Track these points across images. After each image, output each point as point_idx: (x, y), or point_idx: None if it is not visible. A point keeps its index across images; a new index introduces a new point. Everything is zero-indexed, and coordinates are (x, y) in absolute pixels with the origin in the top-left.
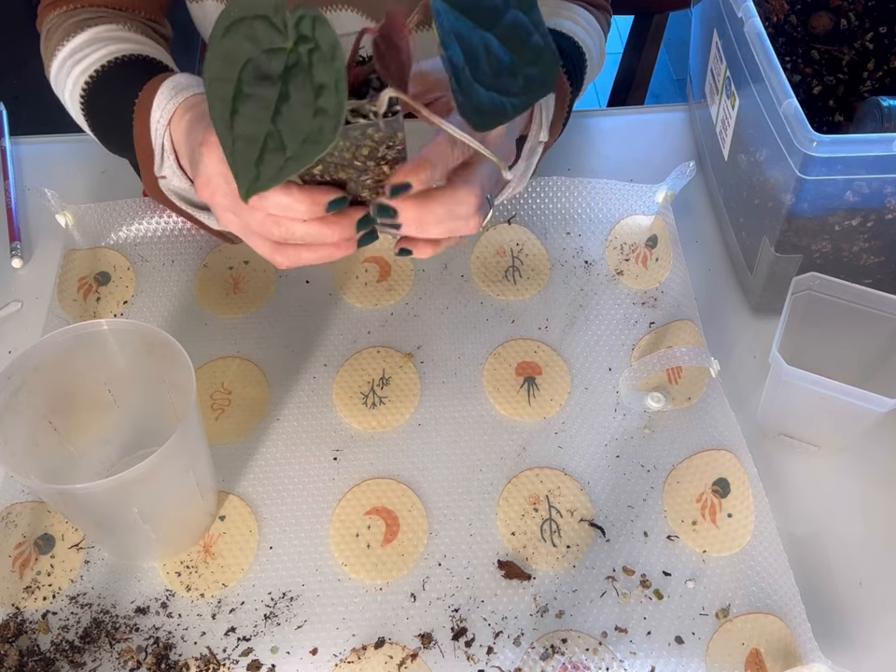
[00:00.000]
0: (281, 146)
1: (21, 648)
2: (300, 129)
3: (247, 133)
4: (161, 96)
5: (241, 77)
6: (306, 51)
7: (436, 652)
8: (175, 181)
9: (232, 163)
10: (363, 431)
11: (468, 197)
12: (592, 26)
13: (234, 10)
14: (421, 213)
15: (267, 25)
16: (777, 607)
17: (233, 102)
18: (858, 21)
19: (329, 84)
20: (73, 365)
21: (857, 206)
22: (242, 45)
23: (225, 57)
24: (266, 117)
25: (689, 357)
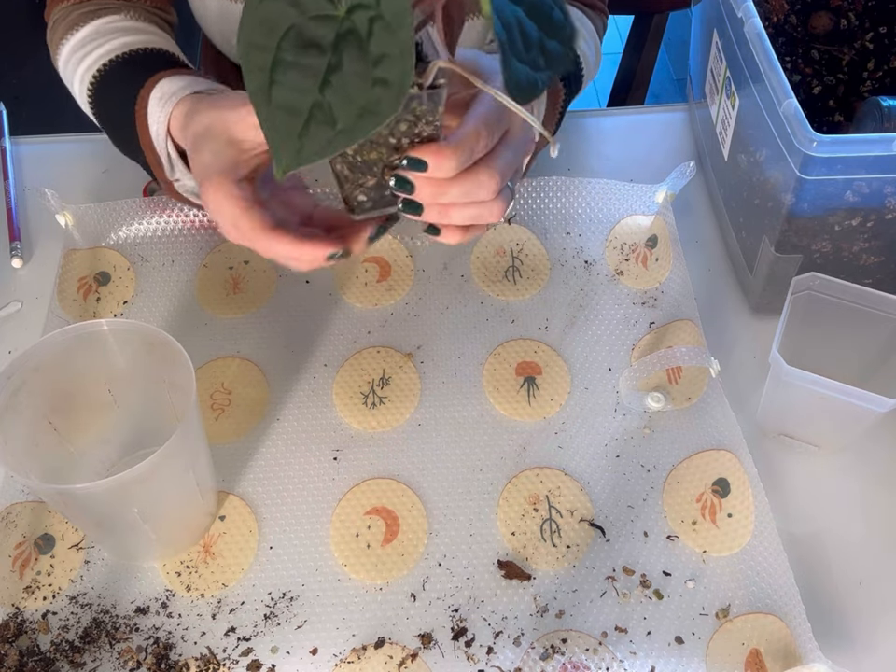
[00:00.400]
0: (331, 118)
1: (20, 648)
2: (354, 100)
3: (289, 103)
4: (153, 109)
5: (280, 45)
6: (365, 19)
7: (436, 652)
8: (189, 182)
9: (271, 137)
10: (363, 431)
11: (487, 181)
12: (587, 29)
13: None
14: (436, 192)
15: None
16: (777, 607)
17: (272, 71)
18: (858, 20)
19: (392, 53)
20: (73, 365)
21: (857, 206)
22: (284, 10)
23: (263, 23)
24: (313, 87)
25: (689, 357)
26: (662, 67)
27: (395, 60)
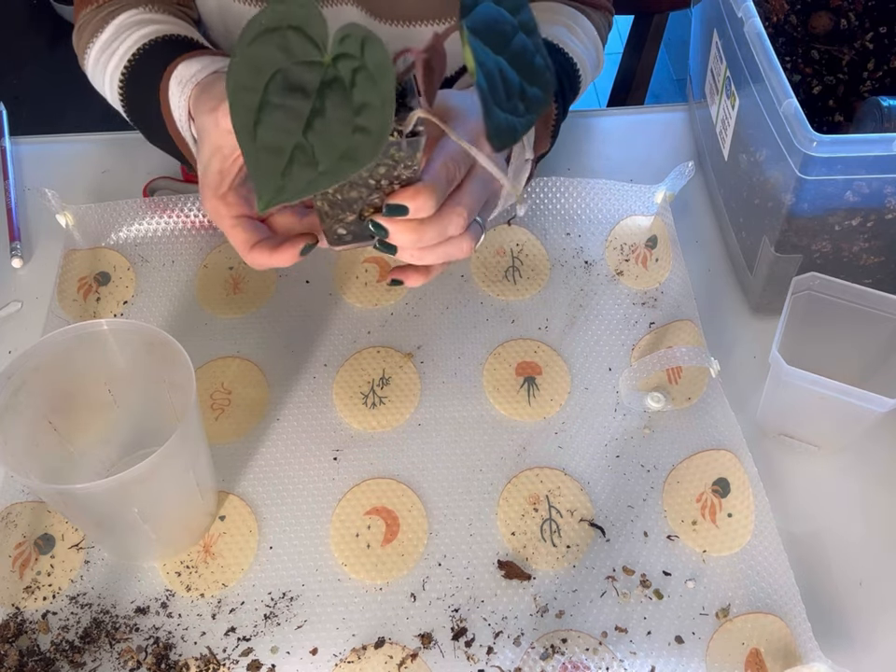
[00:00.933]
0: (312, 160)
1: (20, 648)
2: (336, 145)
3: (273, 143)
4: (173, 96)
5: (268, 87)
6: (349, 69)
7: (436, 652)
8: None
9: (254, 174)
10: (363, 431)
11: (456, 218)
12: (587, 31)
13: (265, 19)
14: (413, 238)
15: (302, 37)
16: (777, 606)
17: (258, 112)
18: (858, 20)
19: (373, 104)
20: (73, 365)
21: (857, 206)
22: (273, 54)
23: (252, 64)
24: (296, 129)
25: (689, 357)
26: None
27: (376, 110)
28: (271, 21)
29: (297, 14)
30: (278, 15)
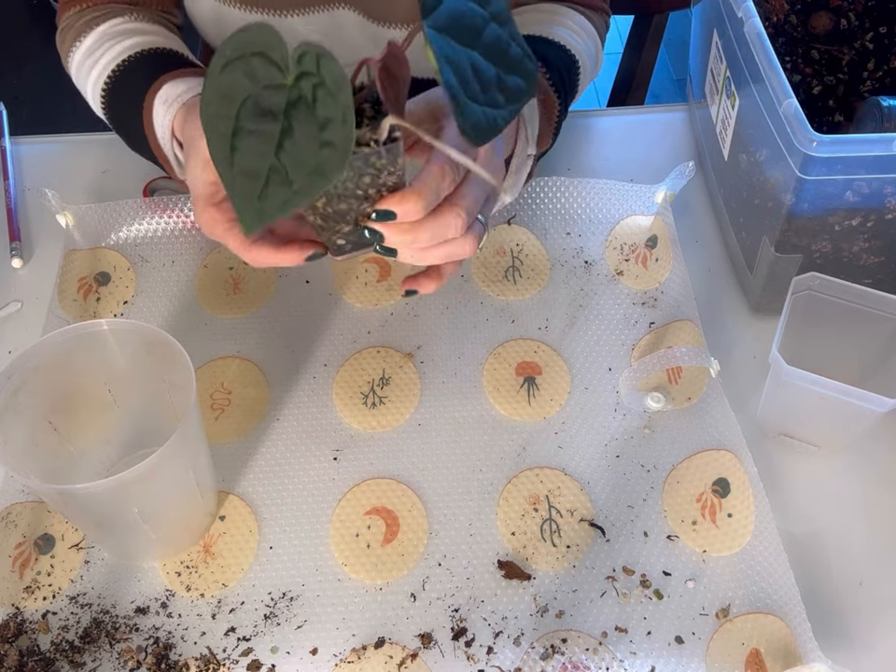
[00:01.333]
0: (286, 179)
1: (20, 648)
2: (305, 162)
3: (249, 167)
4: (157, 114)
5: (240, 114)
6: (310, 86)
7: (436, 652)
8: None
9: (234, 198)
10: (363, 431)
11: (454, 220)
12: (587, 31)
13: (230, 49)
14: (406, 239)
15: (265, 62)
16: (777, 607)
17: (232, 138)
18: (858, 20)
19: (335, 118)
20: (73, 365)
21: (857, 206)
22: (240, 82)
23: (223, 94)
24: (269, 151)
25: (689, 357)
26: (662, 67)
27: (337, 123)
28: (235, 51)
29: (259, 40)
30: (241, 43)
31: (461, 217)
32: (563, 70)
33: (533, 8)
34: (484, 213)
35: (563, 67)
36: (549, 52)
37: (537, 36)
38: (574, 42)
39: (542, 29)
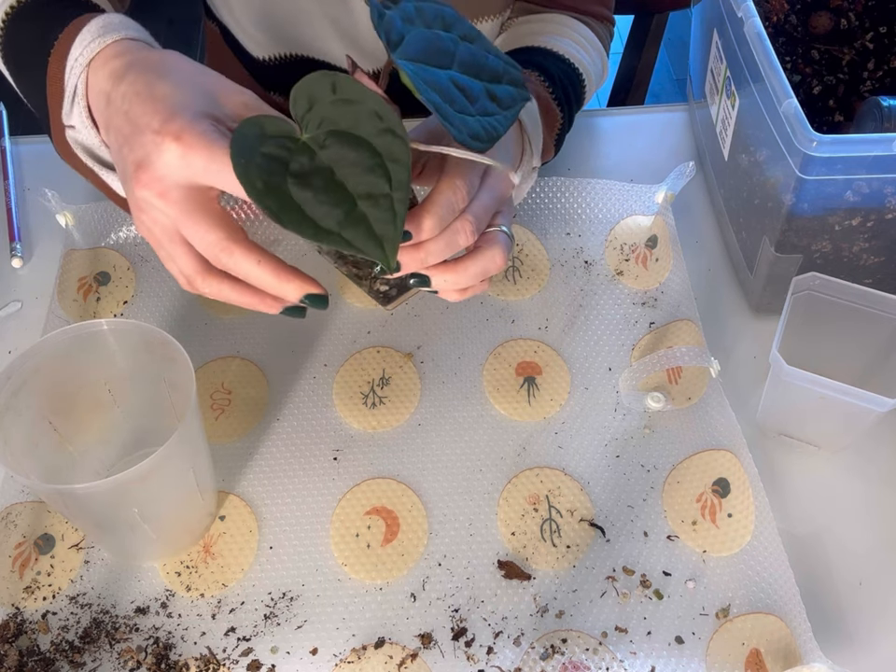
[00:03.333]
0: (376, 195)
1: (20, 648)
2: (374, 167)
3: (342, 219)
4: (87, 33)
5: (292, 193)
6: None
7: (436, 652)
8: (84, 133)
9: (363, 250)
10: (363, 431)
11: (461, 225)
12: (591, 42)
13: (241, 157)
14: (418, 256)
15: (275, 144)
16: (777, 607)
17: (308, 214)
18: (858, 21)
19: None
20: (73, 365)
21: (857, 206)
22: (273, 170)
23: (268, 189)
24: (344, 195)
25: (689, 357)
26: (662, 67)
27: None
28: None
29: (251, 134)
30: (246, 147)
31: (468, 221)
32: (566, 83)
33: (537, 19)
34: (505, 224)
35: (566, 80)
36: (552, 65)
37: (541, 48)
38: (578, 54)
39: (546, 41)
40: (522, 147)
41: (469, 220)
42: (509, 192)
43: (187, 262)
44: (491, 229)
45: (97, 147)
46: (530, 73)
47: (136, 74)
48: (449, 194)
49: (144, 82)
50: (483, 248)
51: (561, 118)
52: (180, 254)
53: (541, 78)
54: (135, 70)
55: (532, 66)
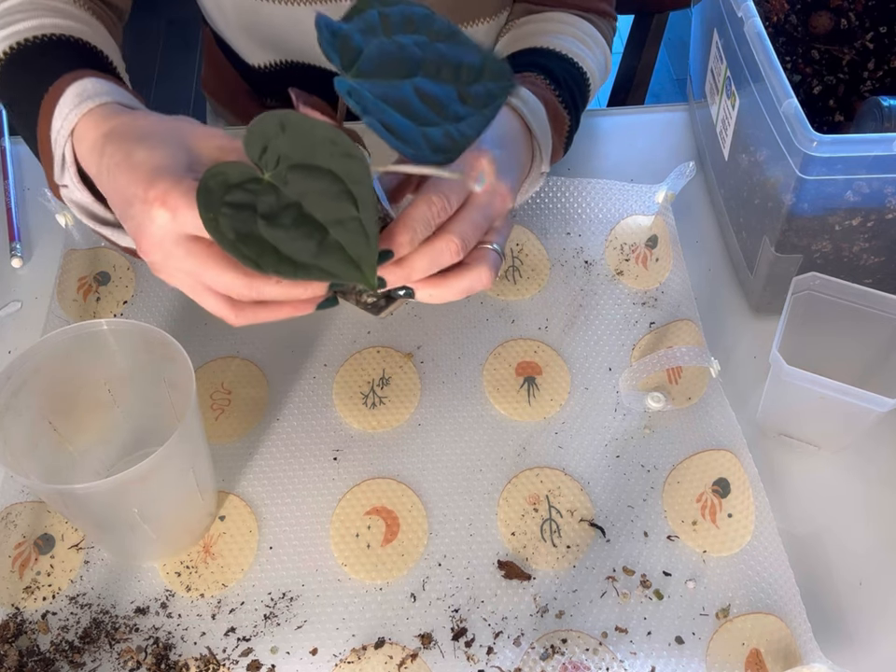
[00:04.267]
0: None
1: (20, 648)
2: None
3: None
4: (64, 104)
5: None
6: (276, 152)
7: (436, 652)
8: (77, 194)
9: (344, 278)
10: (363, 431)
11: (445, 245)
12: (595, 40)
13: (208, 212)
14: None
15: (239, 190)
16: (777, 607)
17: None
18: (858, 20)
19: (314, 138)
20: (73, 365)
21: (857, 206)
22: (242, 218)
23: (241, 238)
24: (314, 226)
25: (689, 357)
26: (662, 67)
27: (322, 140)
28: (213, 209)
29: (218, 185)
30: (211, 201)
31: (454, 242)
32: (571, 84)
33: (539, 18)
34: (498, 242)
35: (571, 81)
36: (557, 66)
37: (544, 49)
38: (582, 53)
39: (549, 41)
40: (532, 153)
41: (454, 241)
42: (504, 209)
43: (217, 305)
44: (482, 245)
45: (90, 204)
46: (535, 77)
47: (114, 145)
48: (423, 209)
49: (122, 152)
50: (471, 266)
51: (569, 120)
52: (208, 299)
53: (546, 81)
54: (112, 141)
55: (537, 69)
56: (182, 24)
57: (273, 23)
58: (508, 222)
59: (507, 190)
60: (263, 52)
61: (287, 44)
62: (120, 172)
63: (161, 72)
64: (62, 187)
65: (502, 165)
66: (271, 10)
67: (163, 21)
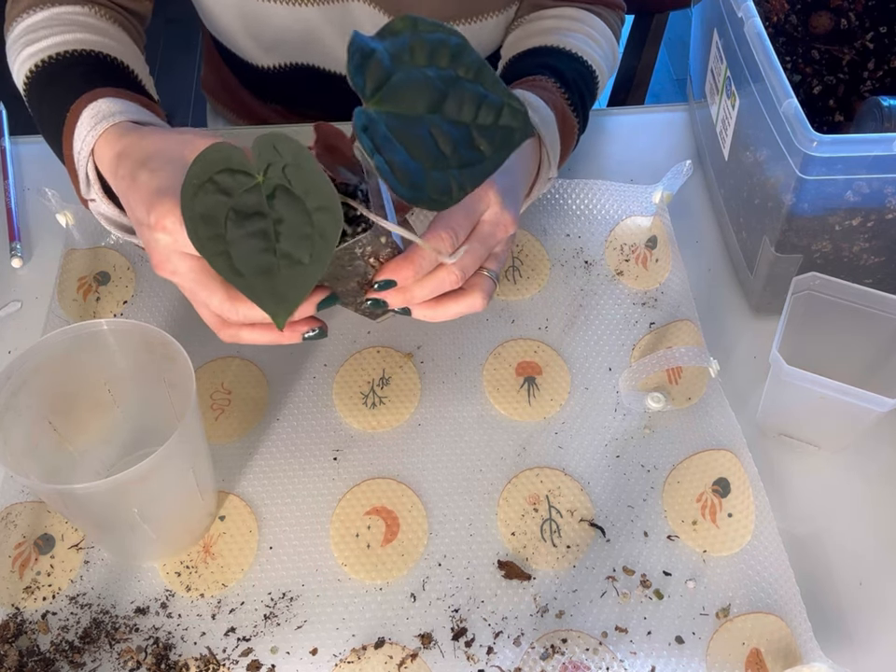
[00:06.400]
0: (295, 260)
1: (20, 648)
2: (306, 235)
3: (258, 267)
4: (81, 126)
5: (227, 228)
6: (279, 171)
7: (436, 652)
8: (104, 207)
9: (259, 301)
10: (363, 431)
11: (447, 275)
12: (605, 36)
13: (194, 178)
14: (404, 298)
15: (230, 174)
16: (777, 606)
17: (229, 251)
18: (858, 20)
19: (313, 184)
20: (73, 365)
21: (857, 206)
22: (215, 200)
23: (204, 218)
24: (269, 245)
25: (689, 358)
26: (662, 67)
27: (318, 188)
28: (199, 177)
29: (217, 159)
30: (203, 168)
31: (454, 274)
32: (580, 83)
33: (549, 15)
34: (495, 268)
35: (580, 80)
36: (567, 67)
37: (554, 48)
38: (591, 51)
39: (559, 39)
40: (539, 160)
41: (455, 273)
42: (506, 237)
43: (208, 319)
44: (478, 272)
45: (117, 216)
46: (546, 80)
47: (124, 167)
48: (432, 244)
49: (130, 175)
50: (466, 292)
51: (577, 123)
52: (203, 312)
53: (557, 84)
54: (122, 163)
55: (548, 71)
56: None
57: (277, 24)
58: (507, 247)
59: (510, 220)
60: (267, 54)
61: (290, 45)
62: (130, 193)
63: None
64: (90, 200)
65: (507, 193)
66: (275, 11)
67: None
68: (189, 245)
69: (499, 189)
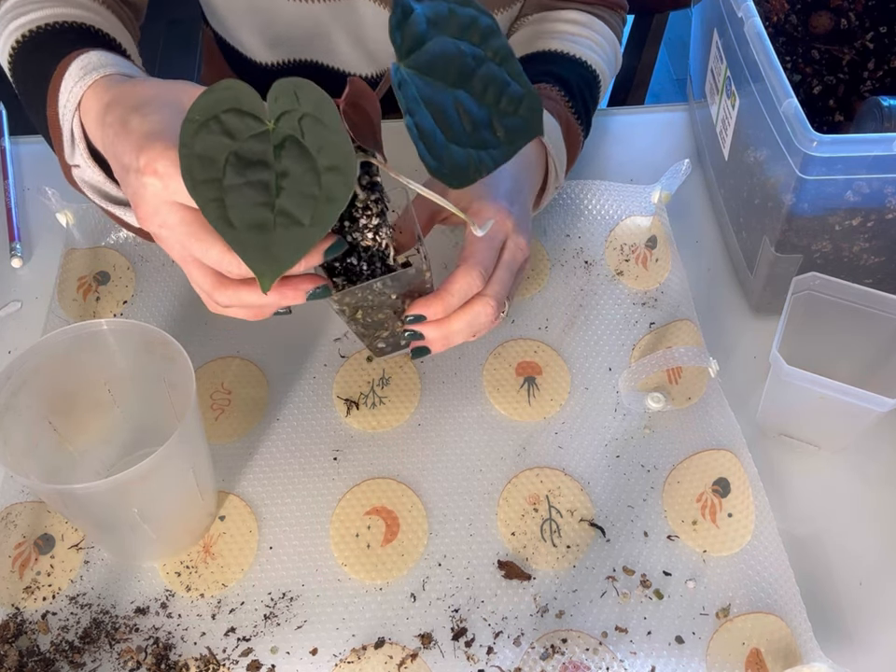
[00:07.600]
0: (294, 220)
1: (20, 648)
2: (312, 195)
3: (252, 221)
4: (69, 78)
5: (226, 172)
6: (294, 122)
7: (436, 652)
8: (88, 172)
9: (245, 257)
10: (363, 431)
11: (483, 308)
12: (606, 37)
13: (197, 114)
14: (442, 333)
15: (239, 115)
16: (777, 606)
17: (224, 198)
18: (858, 20)
19: (329, 140)
20: (73, 365)
21: (857, 206)
22: (217, 141)
23: (202, 159)
24: (269, 200)
25: (688, 358)
26: (662, 67)
27: (334, 146)
28: (203, 113)
29: (226, 98)
30: (209, 104)
31: (490, 307)
32: (584, 89)
33: (552, 17)
34: (511, 294)
35: (584, 86)
36: (571, 73)
37: (558, 53)
38: (595, 55)
39: (562, 44)
40: (546, 169)
41: (490, 304)
42: (523, 260)
43: (202, 278)
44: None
45: (102, 183)
46: (551, 88)
47: (113, 114)
48: (464, 283)
49: (119, 121)
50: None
51: (581, 131)
52: (194, 272)
53: (562, 93)
54: (112, 110)
55: (552, 78)
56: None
57: (285, 19)
58: (523, 270)
59: (524, 244)
60: (271, 50)
61: (295, 41)
62: (119, 140)
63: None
64: (73, 167)
65: (521, 219)
66: (284, 5)
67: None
68: (182, 194)
69: (515, 216)
